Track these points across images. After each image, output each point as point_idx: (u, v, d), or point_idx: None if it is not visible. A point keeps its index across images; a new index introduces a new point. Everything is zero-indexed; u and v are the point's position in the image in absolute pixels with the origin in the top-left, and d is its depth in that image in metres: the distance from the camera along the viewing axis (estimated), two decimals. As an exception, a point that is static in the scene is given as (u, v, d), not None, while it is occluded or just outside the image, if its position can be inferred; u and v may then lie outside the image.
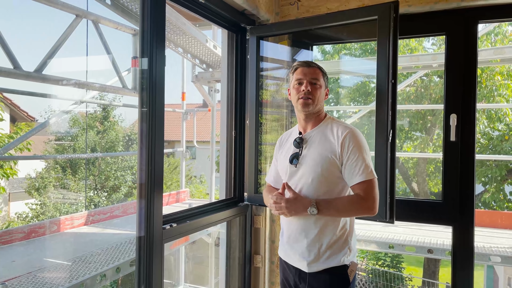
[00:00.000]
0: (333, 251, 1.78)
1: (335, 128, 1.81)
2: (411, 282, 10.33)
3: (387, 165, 2.12)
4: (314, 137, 1.85)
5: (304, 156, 1.84)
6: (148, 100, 1.83)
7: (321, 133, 1.84)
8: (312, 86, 1.83)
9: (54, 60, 3.34)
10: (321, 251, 1.78)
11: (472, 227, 2.31)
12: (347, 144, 1.74)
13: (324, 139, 1.81)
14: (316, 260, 1.79)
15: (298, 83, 1.86)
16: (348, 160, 1.73)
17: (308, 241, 1.80)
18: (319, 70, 1.88)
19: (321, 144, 1.81)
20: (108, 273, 3.42)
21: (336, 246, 1.78)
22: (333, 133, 1.80)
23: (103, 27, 3.76)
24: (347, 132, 1.76)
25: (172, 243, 4.30)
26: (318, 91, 1.84)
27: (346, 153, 1.74)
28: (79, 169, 12.09)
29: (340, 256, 1.78)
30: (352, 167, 1.73)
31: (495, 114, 8.80)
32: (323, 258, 1.78)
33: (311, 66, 1.87)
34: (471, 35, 2.33)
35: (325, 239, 1.78)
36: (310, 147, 1.84)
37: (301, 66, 1.87)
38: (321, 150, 1.79)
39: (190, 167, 15.14)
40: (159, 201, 1.89)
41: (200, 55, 5.49)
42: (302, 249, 1.82)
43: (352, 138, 1.75)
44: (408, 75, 8.19)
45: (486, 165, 9.00)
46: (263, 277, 2.82)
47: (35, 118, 12.11)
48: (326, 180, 1.77)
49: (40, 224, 4.54)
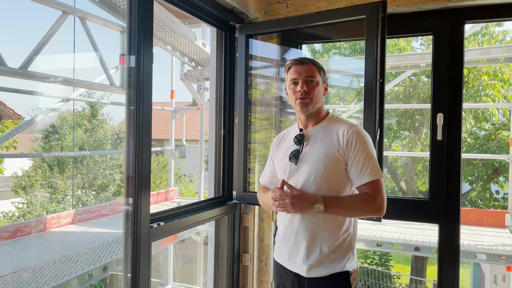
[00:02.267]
0: (336, 256, 1.67)
1: (340, 126, 1.73)
2: (399, 280, 10.44)
3: (374, 164, 2.13)
4: (316, 134, 1.76)
5: (305, 153, 1.74)
6: (135, 98, 1.81)
7: (323, 130, 1.76)
8: (308, 85, 1.73)
9: (40, 57, 3.29)
10: (323, 255, 1.67)
11: (457, 225, 2.34)
12: (353, 143, 1.66)
13: (327, 137, 1.73)
14: (317, 265, 1.67)
15: (293, 83, 1.77)
16: (354, 159, 1.65)
17: (308, 243, 1.69)
18: (314, 66, 1.77)
19: (324, 141, 1.72)
20: (95, 272, 3.40)
21: (339, 251, 1.67)
22: (337, 131, 1.72)
23: (90, 23, 3.72)
24: (353, 130, 1.68)
25: (160, 242, 4.28)
26: (315, 89, 1.74)
27: (352, 152, 1.66)
28: (67, 167, 11.97)
29: (344, 262, 1.67)
30: (359, 166, 1.64)
31: (482, 114, 8.92)
32: (325, 263, 1.66)
33: (304, 63, 1.76)
34: (457, 35, 2.35)
35: (327, 242, 1.67)
36: (312, 145, 1.74)
37: (294, 65, 1.78)
38: (324, 147, 1.70)
39: (180, 166, 15.09)
40: (147, 200, 1.87)
41: (189, 53, 5.47)
42: (302, 252, 1.70)
43: (358, 137, 1.67)
44: (396, 74, 8.26)
45: (473, 164, 9.13)
46: (251, 276, 2.82)
47: (22, 116, 11.94)
48: (328, 179, 1.68)
49: (26, 223, 4.48)
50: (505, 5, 2.26)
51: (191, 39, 4.93)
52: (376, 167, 1.65)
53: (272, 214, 2.82)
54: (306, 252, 1.69)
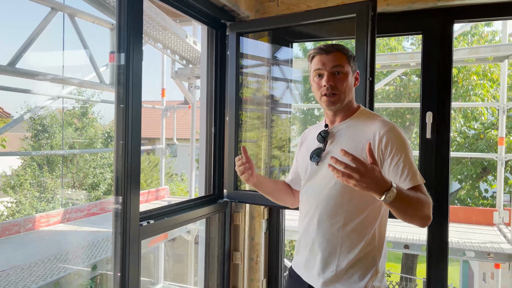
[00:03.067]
0: (355, 271, 1.44)
1: (372, 123, 1.47)
2: (389, 278, 10.52)
3: (364, 162, 2.14)
4: (343, 131, 1.52)
5: (329, 152, 1.51)
6: (125, 96, 1.80)
7: (352, 127, 1.51)
8: (335, 77, 1.48)
9: (29, 54, 3.26)
10: (341, 269, 1.45)
11: (446, 222, 2.37)
12: (390, 143, 1.39)
13: (355, 134, 1.48)
14: (333, 280, 1.45)
15: (318, 75, 1.51)
16: (391, 162, 1.39)
17: (324, 255, 1.47)
18: (341, 54, 1.50)
19: (352, 139, 1.47)
20: (84, 271, 3.38)
21: (359, 266, 1.44)
22: (369, 128, 1.46)
23: (79, 20, 3.69)
24: (388, 128, 1.42)
25: (150, 240, 4.27)
26: (344, 82, 1.49)
27: (388, 154, 1.39)
28: (57, 166, 11.86)
29: (366, 279, 1.43)
30: (399, 170, 1.38)
31: (471, 113, 9.02)
32: (344, 278, 1.44)
33: (330, 52, 1.49)
34: (447, 34, 2.38)
35: (346, 255, 1.45)
36: (337, 143, 1.51)
37: (318, 54, 1.51)
38: (351, 146, 1.43)
39: (171, 165, 15.03)
40: (136, 198, 1.87)
41: (180, 51, 5.45)
42: (318, 264, 1.49)
43: (395, 136, 1.41)
44: (387, 73, 8.31)
45: (462, 163, 9.22)
46: (242, 274, 2.82)
47: (11, 114, 11.80)
48: None
49: (14, 222, 4.44)
50: (494, 4, 2.29)
51: (182, 37, 4.92)
52: (415, 171, 1.39)
53: (263, 213, 2.82)
54: (322, 264, 1.48)
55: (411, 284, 9.76)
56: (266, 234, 2.89)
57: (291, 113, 3.66)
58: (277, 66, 3.17)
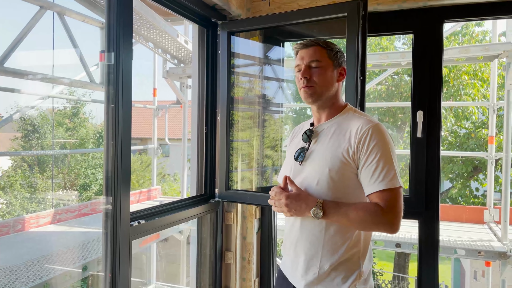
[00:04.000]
0: (338, 274, 1.41)
1: (355, 122, 1.44)
2: (382, 276, 10.57)
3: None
4: (327, 130, 1.50)
5: (312, 152, 1.50)
6: (115, 96, 1.78)
7: (336, 126, 1.49)
8: (311, 70, 1.48)
9: (18, 53, 3.23)
10: (323, 271, 1.42)
11: (437, 221, 2.38)
12: (367, 142, 1.36)
13: (338, 134, 1.45)
14: (315, 283, 1.44)
15: (298, 70, 1.52)
16: (366, 161, 1.36)
17: (307, 257, 1.46)
18: (319, 47, 1.50)
19: (334, 139, 1.45)
20: (74, 271, 3.35)
21: (342, 268, 1.41)
22: (352, 127, 1.43)
23: (69, 19, 3.65)
24: (369, 126, 1.38)
25: (142, 241, 4.24)
26: (321, 75, 1.47)
27: (364, 153, 1.37)
28: (47, 167, 11.76)
29: (348, 282, 1.40)
30: (371, 170, 1.35)
31: (462, 113, 9.10)
32: (326, 281, 1.42)
33: (309, 46, 1.50)
34: (437, 34, 2.39)
35: (329, 257, 1.42)
36: (320, 142, 1.49)
37: (299, 48, 1.53)
38: (332, 147, 1.43)
39: (164, 165, 14.98)
40: (126, 198, 1.85)
41: (171, 50, 5.43)
42: (300, 266, 1.48)
43: (375, 135, 1.37)
44: (379, 73, 8.36)
45: (453, 162, 9.30)
46: (234, 274, 2.81)
47: (1, 115, 11.69)
48: (335, 185, 1.40)
49: (3, 223, 4.39)
50: (483, 4, 2.30)
51: (173, 36, 4.90)
52: (392, 173, 1.34)
53: (255, 212, 2.82)
54: (305, 266, 1.46)
55: (403, 283, 9.81)
56: (258, 233, 2.88)
57: (283, 113, 3.65)
58: (269, 66, 3.16)
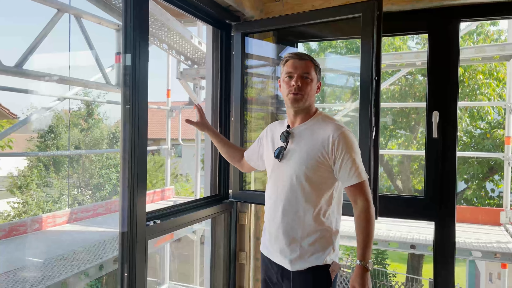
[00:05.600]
0: (316, 249, 1.73)
1: (326, 127, 1.74)
2: (395, 278, 10.47)
3: (370, 162, 2.14)
4: (302, 132, 1.78)
5: (290, 151, 1.78)
6: (131, 97, 1.81)
7: (310, 129, 1.77)
8: (302, 80, 1.74)
9: (35, 56, 3.28)
10: (303, 249, 1.74)
11: (453, 222, 2.35)
12: (340, 146, 1.68)
13: (313, 136, 1.74)
14: (299, 258, 1.74)
15: (289, 76, 1.77)
16: (342, 162, 1.68)
17: (290, 238, 1.75)
18: (311, 63, 1.78)
19: (310, 140, 1.74)
20: (91, 270, 3.39)
21: (319, 245, 1.73)
22: (324, 131, 1.73)
23: (85, 22, 3.70)
24: (340, 133, 1.70)
25: (157, 241, 4.28)
26: (309, 86, 1.75)
27: (339, 155, 1.68)
28: (63, 167, 11.92)
29: (324, 256, 1.74)
30: (347, 169, 1.68)
31: (477, 113, 8.96)
32: (306, 256, 1.73)
33: (303, 59, 1.77)
34: (453, 33, 2.36)
35: (307, 238, 1.73)
36: (298, 143, 1.77)
37: (292, 58, 1.78)
38: (309, 147, 1.73)
39: (176, 166, 15.06)
40: (143, 198, 1.87)
41: (185, 51, 5.46)
42: (283, 246, 1.77)
43: (345, 140, 1.69)
44: (393, 73, 8.28)
45: (468, 163, 9.16)
46: (247, 274, 2.82)
47: (17, 116, 11.89)
48: (311, 180, 1.72)
49: (21, 222, 4.46)
50: (499, 3, 2.27)
51: (187, 38, 4.93)
52: (361, 169, 1.70)
53: (268, 213, 2.82)
54: (288, 246, 1.76)
55: (417, 285, 9.71)
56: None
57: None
58: (282, 66, 3.16)
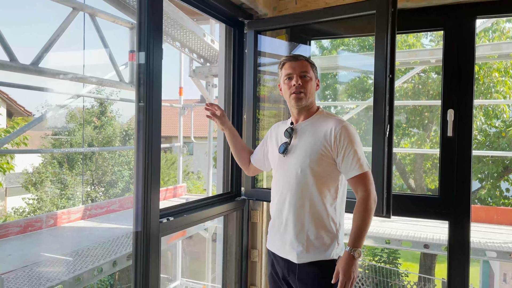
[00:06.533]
0: (322, 243, 1.78)
1: (328, 122, 1.82)
2: (407, 277, 10.38)
3: (384, 160, 2.12)
4: (305, 128, 1.86)
5: (294, 146, 1.85)
6: (145, 95, 1.82)
7: (313, 125, 1.85)
8: (302, 79, 1.83)
9: (50, 54, 3.32)
10: (310, 241, 1.78)
11: (468, 222, 2.32)
12: (342, 139, 1.74)
13: (316, 131, 1.82)
14: (305, 251, 1.79)
15: (288, 78, 1.86)
16: (344, 154, 1.74)
17: (297, 233, 1.80)
18: (307, 62, 1.87)
19: (312, 135, 1.81)
20: (105, 266, 3.43)
21: (325, 239, 1.78)
22: (326, 126, 1.80)
23: (100, 20, 3.74)
24: (341, 126, 1.77)
25: (169, 238, 4.31)
26: (309, 83, 1.84)
27: (341, 148, 1.74)
28: (76, 164, 12.06)
29: (330, 250, 1.78)
30: (349, 161, 1.74)
31: (492, 111, 8.82)
32: (312, 249, 1.78)
33: (298, 59, 1.86)
34: (468, 30, 2.33)
35: (314, 230, 1.78)
36: (301, 138, 1.84)
37: (289, 61, 1.87)
38: (312, 141, 1.80)
39: (188, 163, 15.13)
40: (156, 195, 1.88)
41: (198, 49, 5.48)
42: (291, 239, 1.82)
43: (347, 133, 1.76)
44: (406, 71, 8.19)
45: (483, 162, 9.03)
46: (259, 272, 2.82)
47: (32, 113, 12.06)
48: (315, 172, 1.77)
49: (36, 218, 4.53)
50: (517, -1, 2.23)
51: (200, 36, 4.94)
52: (362, 161, 1.75)
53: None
54: (295, 240, 1.80)
55: (429, 285, 9.62)
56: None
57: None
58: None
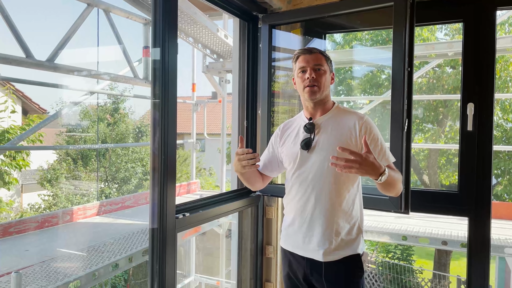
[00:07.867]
0: (350, 239, 1.75)
1: (349, 116, 1.80)
2: (421, 274, 10.28)
3: (402, 155, 2.08)
4: (326, 122, 1.81)
5: (317, 141, 1.78)
6: (160, 91, 1.81)
7: (333, 120, 1.81)
8: (316, 72, 1.78)
9: (65, 51, 3.34)
10: (339, 239, 1.73)
11: (488, 218, 2.27)
12: (368, 131, 1.73)
13: (339, 125, 1.78)
14: (333, 249, 1.73)
15: (302, 71, 1.81)
16: (371, 145, 1.68)
17: (324, 229, 1.74)
18: (321, 55, 1.82)
19: (337, 129, 1.77)
20: (120, 262, 3.45)
21: (353, 234, 1.76)
22: (349, 120, 1.78)
23: (114, 16, 3.75)
24: (366, 119, 1.76)
25: (184, 233, 4.32)
26: (323, 77, 1.79)
27: (369, 140, 1.69)
28: (90, 161, 12.19)
29: (356, 245, 1.75)
30: (377, 151, 1.71)
31: (509, 106, 8.66)
32: (341, 246, 1.73)
33: (312, 52, 1.81)
34: (488, 22, 2.27)
35: (342, 227, 1.74)
36: (324, 133, 1.79)
37: (303, 54, 1.82)
38: (338, 135, 1.76)
39: (200, 160, 15.19)
40: (172, 191, 1.88)
41: (211, 45, 5.46)
42: (318, 237, 1.75)
43: (371, 125, 1.76)
44: (420, 65, 8.07)
45: (499, 157, 8.88)
46: (275, 268, 2.81)
47: (47, 111, 12.20)
48: None
49: (53, 214, 4.59)
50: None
51: (213, 31, 4.92)
52: (388, 152, 1.77)
53: (295, 206, 2.80)
54: (322, 237, 1.74)
55: (444, 282, 9.51)
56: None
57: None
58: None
